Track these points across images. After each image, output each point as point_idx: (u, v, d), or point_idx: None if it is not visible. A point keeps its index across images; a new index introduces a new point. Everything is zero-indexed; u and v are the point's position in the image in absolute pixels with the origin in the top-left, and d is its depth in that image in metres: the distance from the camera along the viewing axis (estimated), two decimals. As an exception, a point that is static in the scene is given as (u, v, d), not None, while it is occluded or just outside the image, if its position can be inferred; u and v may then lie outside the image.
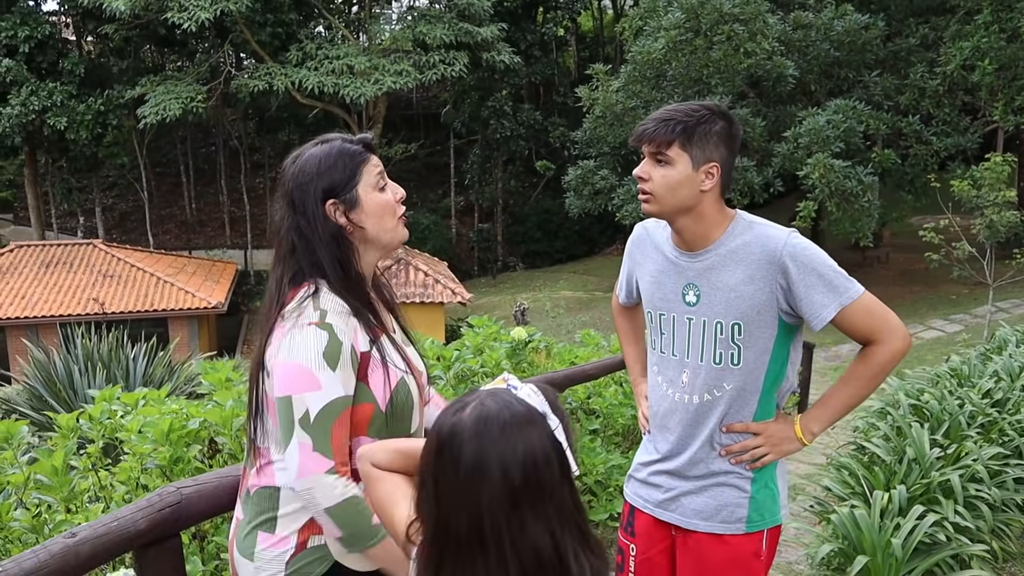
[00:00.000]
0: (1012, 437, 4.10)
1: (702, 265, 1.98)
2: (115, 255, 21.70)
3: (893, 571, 2.94)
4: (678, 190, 1.90)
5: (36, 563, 1.46)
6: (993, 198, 11.44)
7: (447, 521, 1.14)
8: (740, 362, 1.95)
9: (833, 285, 1.94)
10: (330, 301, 1.64)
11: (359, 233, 1.72)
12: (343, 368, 1.58)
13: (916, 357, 12.84)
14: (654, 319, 2.09)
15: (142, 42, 28.41)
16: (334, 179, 1.70)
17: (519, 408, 1.16)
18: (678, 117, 1.88)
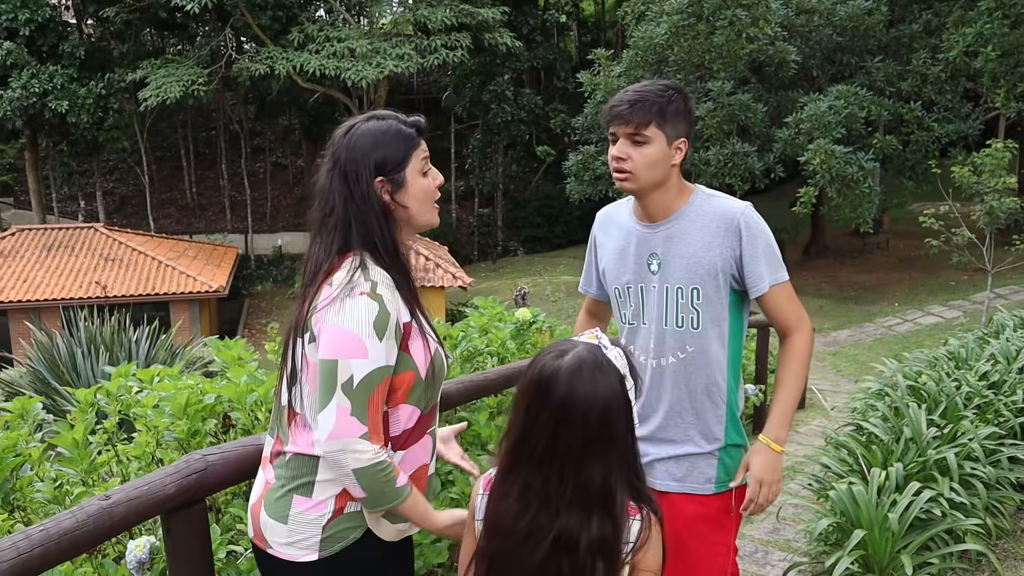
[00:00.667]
0: (1007, 418, 4.17)
1: (664, 234, 2.12)
2: (116, 239, 21.75)
3: (889, 545, 3.02)
4: (655, 167, 2.04)
5: (74, 523, 1.54)
6: (993, 184, 11.48)
7: (528, 440, 1.41)
8: (699, 326, 2.09)
9: (772, 262, 2.10)
10: (379, 273, 1.71)
11: (401, 212, 1.79)
12: (389, 339, 1.64)
13: (915, 342, 12.93)
14: (621, 294, 2.20)
15: (143, 25, 28.28)
16: (387, 158, 1.76)
17: (607, 365, 1.44)
18: (651, 98, 2.00)
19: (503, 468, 1.47)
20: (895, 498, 3.22)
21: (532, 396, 1.43)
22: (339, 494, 1.70)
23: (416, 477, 1.79)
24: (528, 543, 1.42)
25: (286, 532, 1.71)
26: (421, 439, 1.80)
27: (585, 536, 1.41)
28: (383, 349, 1.62)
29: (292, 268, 27.94)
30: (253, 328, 23.25)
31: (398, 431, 1.73)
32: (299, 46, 23.88)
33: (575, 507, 1.41)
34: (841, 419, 6.92)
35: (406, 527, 1.82)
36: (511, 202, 30.46)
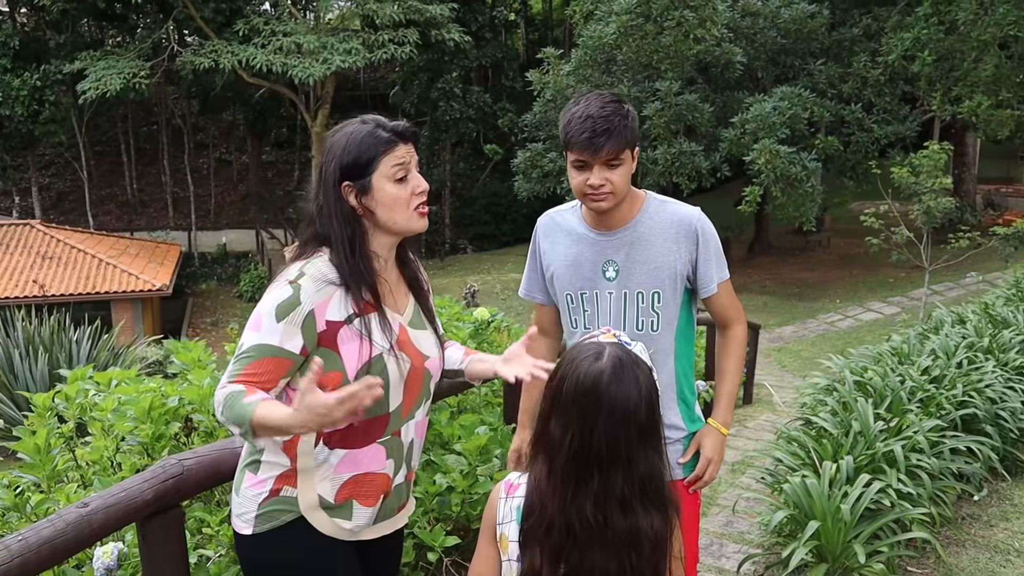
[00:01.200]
0: (949, 411, 4.35)
1: (621, 241, 2.19)
2: (54, 236, 21.13)
3: (842, 534, 3.14)
4: (626, 184, 2.13)
5: (53, 531, 1.52)
6: (930, 185, 11.87)
7: (592, 446, 1.45)
8: (659, 328, 2.20)
9: (720, 263, 2.25)
10: (316, 267, 1.75)
11: (370, 217, 1.79)
12: (289, 324, 1.68)
13: (856, 338, 13.31)
14: (574, 300, 2.26)
15: (80, 15, 27.47)
16: (352, 162, 1.76)
17: (639, 359, 1.53)
18: (617, 123, 2.04)
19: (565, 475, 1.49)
20: (846, 490, 3.33)
21: (584, 403, 1.47)
22: (279, 476, 1.77)
23: (361, 482, 1.81)
24: (608, 547, 1.47)
25: (237, 504, 1.81)
26: (366, 446, 1.80)
27: (651, 531, 1.48)
28: (277, 331, 1.68)
29: (237, 266, 27.47)
30: (198, 327, 22.81)
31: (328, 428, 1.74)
32: (244, 39, 23.45)
33: (642, 503, 1.48)
34: (789, 414, 7.11)
35: (351, 527, 1.83)
36: (459, 200, 30.43)
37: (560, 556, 1.48)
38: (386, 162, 1.77)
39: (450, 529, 3.05)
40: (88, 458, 2.95)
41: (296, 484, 1.77)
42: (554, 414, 1.51)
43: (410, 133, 1.82)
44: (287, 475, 1.76)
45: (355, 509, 1.82)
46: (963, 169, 21.62)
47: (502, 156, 26.32)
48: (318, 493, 1.78)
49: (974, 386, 4.62)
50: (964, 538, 3.86)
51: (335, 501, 1.79)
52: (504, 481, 1.64)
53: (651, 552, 1.48)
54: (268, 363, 1.68)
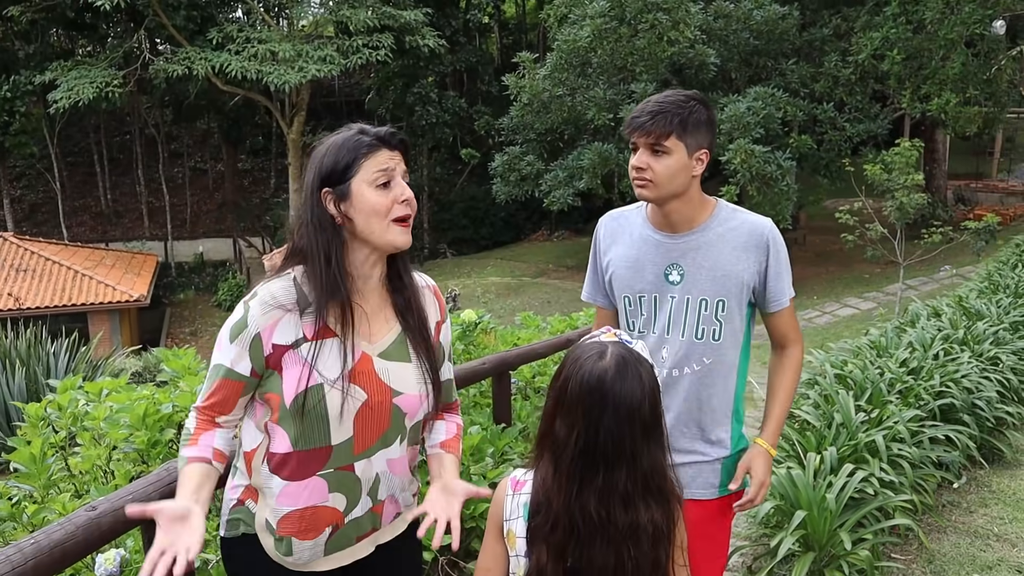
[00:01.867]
0: (927, 401, 4.45)
1: (687, 245, 2.11)
2: (28, 248, 20.90)
3: (828, 523, 3.21)
4: (676, 177, 2.03)
5: (64, 534, 1.55)
6: (903, 181, 12.02)
7: (598, 442, 1.48)
8: (720, 337, 2.11)
9: (790, 278, 2.18)
10: (270, 289, 1.70)
11: (349, 226, 1.71)
12: (239, 346, 1.68)
13: (834, 333, 13.46)
14: (632, 303, 2.18)
15: (49, 25, 27.16)
16: (331, 167, 1.70)
17: (641, 357, 1.55)
18: (672, 109, 1.99)
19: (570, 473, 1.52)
20: (831, 480, 3.41)
21: (589, 402, 1.50)
22: (246, 487, 1.78)
23: (300, 518, 1.73)
24: (610, 542, 1.50)
25: (223, 504, 1.84)
26: (306, 479, 1.71)
27: (650, 525, 1.51)
28: (229, 352, 1.69)
29: (214, 275, 27.29)
30: (176, 337, 22.63)
31: (274, 449, 1.73)
32: (218, 46, 23.33)
33: (644, 498, 1.52)
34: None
35: (292, 560, 1.76)
36: (436, 204, 30.42)
37: (565, 552, 1.51)
38: (367, 167, 1.69)
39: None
40: (81, 467, 2.96)
41: (257, 500, 1.76)
42: (559, 413, 1.54)
43: (396, 140, 1.74)
44: (251, 488, 1.76)
45: (294, 544, 1.75)
46: (934, 165, 21.94)
47: (479, 160, 26.36)
48: (265, 517, 1.75)
49: (951, 377, 4.73)
50: (945, 524, 3.96)
51: (276, 532, 1.75)
52: (510, 478, 1.65)
53: (651, 546, 1.52)
54: (224, 385, 1.70)
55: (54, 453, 3.06)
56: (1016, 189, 23.59)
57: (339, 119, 34.13)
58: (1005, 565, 3.54)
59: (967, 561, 3.57)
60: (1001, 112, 17.78)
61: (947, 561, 3.58)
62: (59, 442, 3.06)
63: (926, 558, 3.61)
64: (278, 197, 31.33)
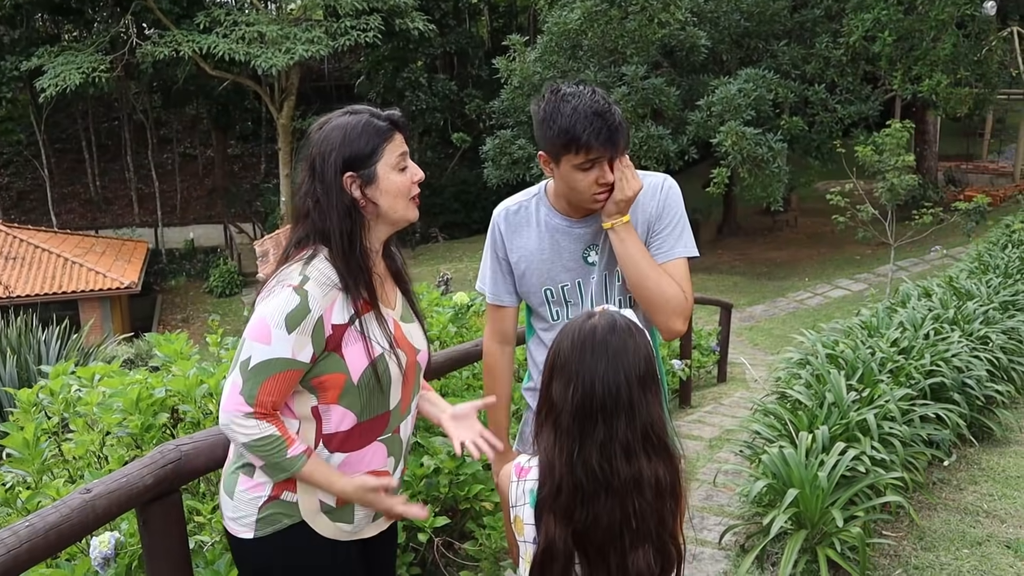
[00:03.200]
0: (918, 380, 4.47)
1: (598, 225, 2.08)
2: (17, 236, 20.77)
3: (820, 501, 3.23)
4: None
5: (59, 517, 1.55)
6: (894, 163, 12.04)
7: (595, 394, 1.47)
8: (636, 304, 2.11)
9: (682, 235, 2.09)
10: (319, 269, 1.71)
11: (371, 208, 1.78)
12: (300, 334, 1.65)
13: (825, 314, 13.53)
14: (555, 294, 2.15)
15: (34, 10, 26.87)
16: (355, 153, 1.74)
17: (632, 322, 1.56)
18: (619, 115, 1.95)
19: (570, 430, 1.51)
20: (822, 458, 3.43)
21: (582, 354, 1.50)
22: (277, 482, 1.76)
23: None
24: (614, 495, 1.50)
25: (232, 508, 1.79)
26: (366, 446, 1.80)
27: (652, 477, 1.51)
28: (289, 342, 1.66)
29: (205, 261, 27.19)
30: (168, 324, 22.57)
31: (330, 430, 1.76)
32: (205, 30, 23.13)
33: (645, 450, 1.51)
34: (763, 389, 7.24)
35: (351, 528, 1.84)
36: (428, 189, 30.19)
37: (572, 515, 1.50)
38: (389, 151, 1.77)
39: (439, 510, 3.09)
40: (74, 452, 2.96)
41: (296, 489, 1.76)
42: (554, 377, 1.54)
43: (403, 122, 1.83)
44: (287, 480, 1.75)
45: (356, 511, 1.83)
46: (924, 147, 21.98)
47: (470, 144, 26.28)
48: (319, 499, 1.78)
49: (941, 356, 4.76)
50: (935, 502, 3.99)
51: (336, 505, 1.80)
52: (514, 464, 1.65)
53: (654, 498, 1.51)
54: (281, 379, 1.66)
55: (47, 439, 3.05)
56: (1006, 170, 23.67)
57: (329, 103, 33.88)
58: (994, 540, 3.57)
59: (957, 537, 3.61)
60: (991, 93, 17.80)
61: (937, 537, 3.61)
62: (52, 428, 3.06)
63: (917, 535, 3.64)
64: (268, 182, 31.19)
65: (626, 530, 1.50)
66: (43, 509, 1.56)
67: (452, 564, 3.27)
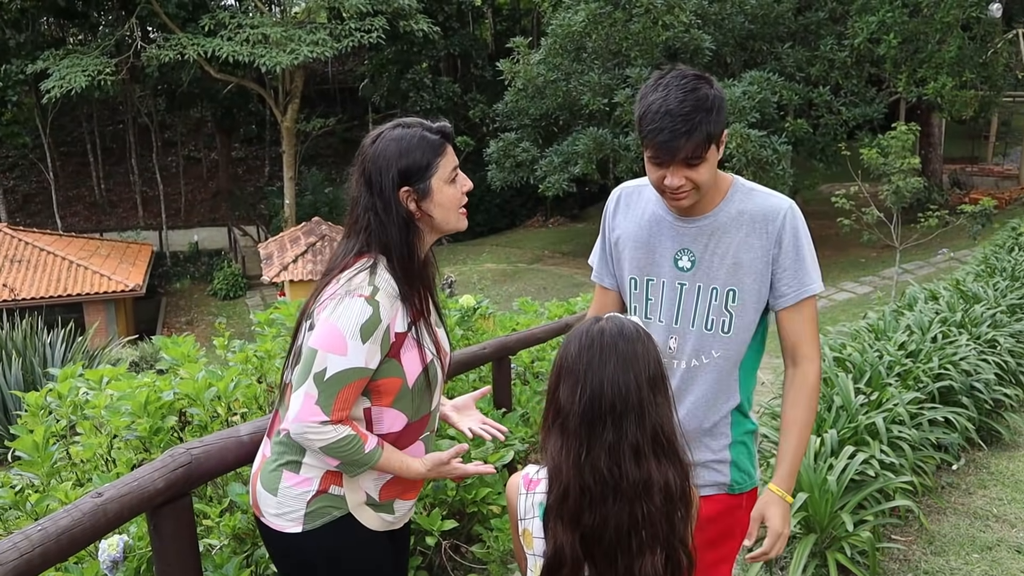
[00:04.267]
0: (926, 383, 4.46)
1: (700, 230, 1.95)
2: (22, 239, 20.80)
3: (829, 504, 3.22)
4: (713, 176, 1.90)
5: (71, 521, 1.54)
6: (899, 165, 12.01)
7: (604, 396, 1.45)
8: (730, 330, 1.96)
9: (808, 271, 1.95)
10: (385, 280, 1.76)
11: (426, 220, 1.83)
12: (374, 343, 1.70)
13: (831, 317, 13.50)
14: (639, 285, 2.04)
15: (40, 13, 26.98)
16: (411, 167, 1.78)
17: (642, 328, 1.56)
18: (698, 117, 1.77)
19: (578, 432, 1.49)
20: (831, 462, 3.42)
21: (590, 355, 1.49)
22: (325, 474, 1.79)
23: (404, 480, 1.89)
24: (622, 498, 1.47)
25: (276, 504, 1.80)
26: (411, 444, 1.88)
27: (662, 480, 1.48)
28: (364, 352, 1.68)
29: (210, 264, 27.21)
30: (172, 327, 22.58)
31: (382, 431, 1.82)
32: (210, 33, 23.18)
33: (655, 453, 1.48)
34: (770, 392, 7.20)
35: (392, 519, 1.91)
36: (433, 191, 30.35)
37: (579, 519, 1.47)
38: (443, 165, 1.82)
39: (446, 513, 3.09)
40: (82, 455, 2.96)
41: (343, 483, 1.81)
42: (562, 380, 1.52)
43: (452, 134, 1.88)
44: (333, 474, 1.80)
45: (396, 504, 1.90)
46: (929, 149, 21.93)
47: (473, 147, 26.30)
48: (365, 492, 1.83)
49: (949, 359, 4.74)
50: (945, 506, 3.98)
51: (380, 499, 1.86)
52: (522, 475, 1.62)
53: (664, 502, 1.47)
54: (355, 387, 1.72)
55: (55, 442, 3.05)
56: (1011, 173, 23.61)
57: (333, 106, 33.98)
58: (1005, 545, 3.56)
59: (967, 542, 3.59)
60: (997, 96, 17.79)
61: (947, 542, 3.60)
62: (60, 431, 3.06)
63: (926, 539, 3.63)
64: (272, 185, 31.21)
65: (634, 535, 1.47)
66: (55, 513, 1.56)
67: (459, 567, 3.26)
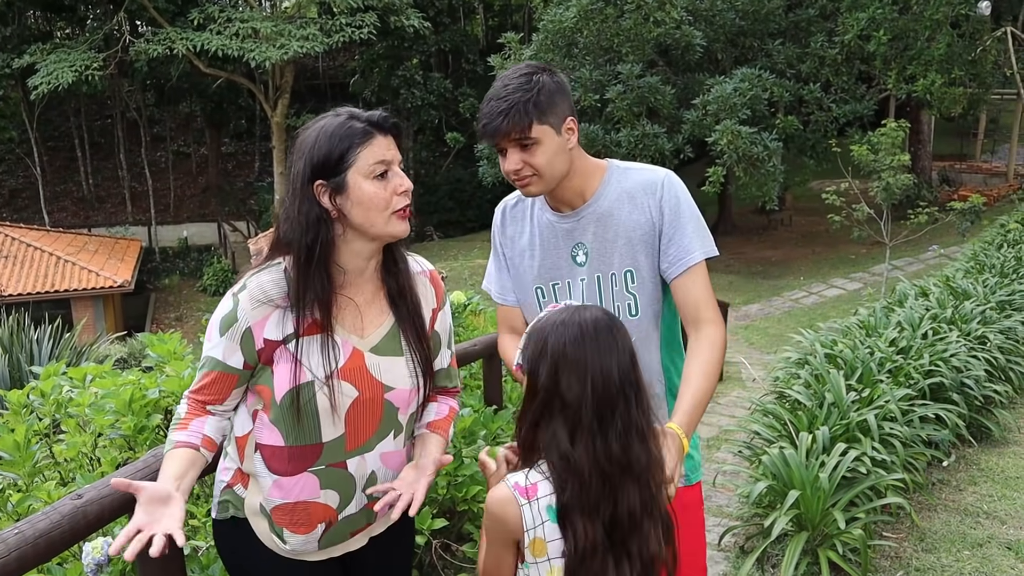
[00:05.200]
0: (917, 380, 4.46)
1: (586, 221, 1.95)
2: (8, 234, 20.67)
3: (821, 502, 3.20)
4: (556, 162, 1.85)
5: (49, 524, 1.50)
6: (889, 162, 12.04)
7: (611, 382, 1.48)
8: (638, 312, 1.94)
9: (697, 235, 1.93)
10: (260, 282, 1.64)
11: (344, 220, 1.62)
12: (230, 340, 1.63)
13: (821, 314, 13.53)
14: (546, 293, 2.02)
15: (27, 7, 26.76)
16: (323, 158, 1.59)
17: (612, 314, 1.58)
18: (520, 97, 1.79)
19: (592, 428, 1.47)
20: (823, 459, 3.41)
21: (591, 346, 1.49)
22: (236, 471, 1.74)
23: (291, 511, 1.69)
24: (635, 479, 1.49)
25: (215, 486, 1.80)
26: (297, 475, 1.67)
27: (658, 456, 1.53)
28: (220, 344, 1.64)
29: (199, 260, 27.09)
30: (161, 323, 22.47)
31: (262, 441, 1.69)
32: (199, 27, 23.03)
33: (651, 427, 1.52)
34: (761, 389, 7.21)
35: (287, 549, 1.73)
36: (422, 187, 30.27)
37: (598, 509, 1.47)
38: (363, 156, 1.59)
39: (436, 512, 3.06)
40: (66, 455, 2.91)
41: (247, 485, 1.72)
42: (561, 374, 1.48)
43: (390, 124, 1.64)
44: (241, 473, 1.72)
45: (286, 535, 1.71)
46: (919, 146, 21.99)
47: (464, 143, 26.24)
48: (260, 502, 1.71)
49: (940, 356, 4.74)
50: (935, 503, 3.97)
51: (272, 518, 1.72)
52: (511, 488, 1.52)
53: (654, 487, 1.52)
54: (216, 377, 1.65)
55: (38, 440, 3.01)
56: (999, 170, 23.70)
57: (323, 102, 33.84)
58: (995, 542, 3.55)
59: (958, 539, 3.59)
60: (985, 93, 17.84)
61: (938, 539, 3.59)
62: (43, 429, 3.01)
63: (917, 536, 3.62)
64: (262, 181, 31.10)
65: (646, 515, 1.50)
66: (33, 516, 1.52)
67: (450, 567, 3.24)
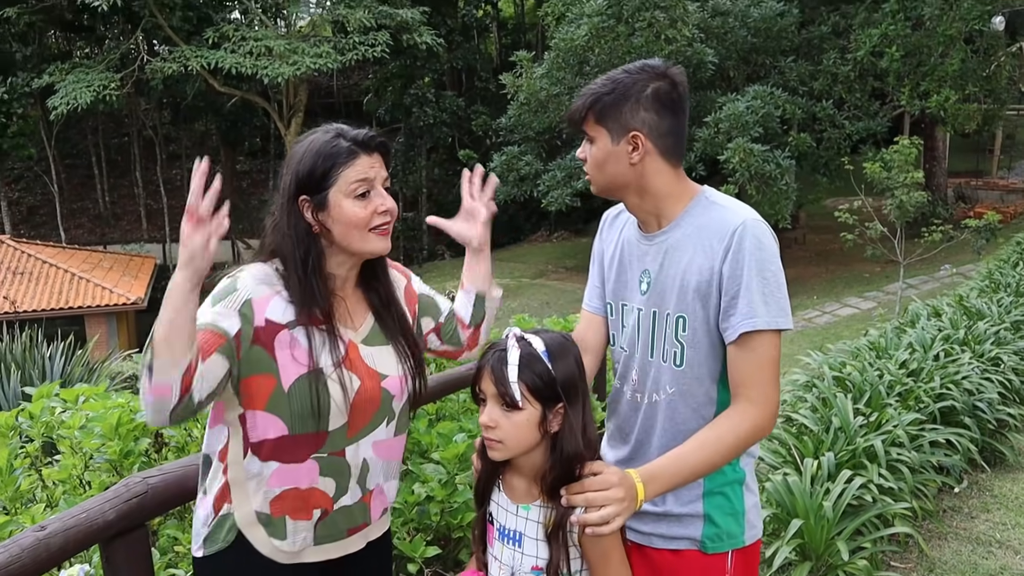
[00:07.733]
0: (927, 404, 4.36)
1: (657, 248, 1.77)
2: (25, 251, 20.81)
3: (825, 532, 3.12)
4: (603, 167, 1.73)
5: (8, 557, 1.45)
6: (903, 179, 11.92)
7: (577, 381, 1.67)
8: (682, 363, 1.72)
9: (771, 298, 1.63)
10: (258, 267, 1.68)
11: (327, 235, 1.67)
12: (224, 306, 1.59)
13: (833, 333, 13.37)
14: (613, 311, 1.90)
15: (47, 27, 27.15)
16: (307, 175, 1.64)
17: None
18: (593, 89, 1.72)
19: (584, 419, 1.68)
20: (828, 487, 3.32)
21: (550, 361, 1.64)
22: (218, 494, 1.70)
23: (293, 497, 1.69)
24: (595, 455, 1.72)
25: (194, 527, 1.76)
26: (300, 462, 1.67)
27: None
28: (210, 311, 1.59)
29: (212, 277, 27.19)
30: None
31: (257, 438, 1.66)
32: (214, 46, 23.29)
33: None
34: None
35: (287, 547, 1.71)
36: (435, 205, 30.32)
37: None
38: (345, 176, 1.63)
39: (430, 539, 3.00)
40: (56, 477, 2.88)
41: (231, 499, 1.69)
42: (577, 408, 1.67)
43: (376, 144, 1.66)
44: (224, 490, 1.69)
45: (288, 525, 1.70)
46: (933, 163, 21.83)
47: (476, 160, 26.29)
48: (253, 508, 1.69)
49: (951, 378, 4.64)
50: (946, 531, 3.86)
51: (271, 513, 1.69)
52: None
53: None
54: (204, 334, 1.55)
55: (30, 463, 2.98)
56: (1016, 187, 23.48)
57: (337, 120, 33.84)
58: (1008, 573, 3.45)
59: (969, 569, 3.48)
60: (1001, 109, 17.70)
61: (948, 569, 3.49)
62: (33, 452, 2.98)
63: (927, 566, 3.52)
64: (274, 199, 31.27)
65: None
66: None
67: (444, 595, 3.17)
